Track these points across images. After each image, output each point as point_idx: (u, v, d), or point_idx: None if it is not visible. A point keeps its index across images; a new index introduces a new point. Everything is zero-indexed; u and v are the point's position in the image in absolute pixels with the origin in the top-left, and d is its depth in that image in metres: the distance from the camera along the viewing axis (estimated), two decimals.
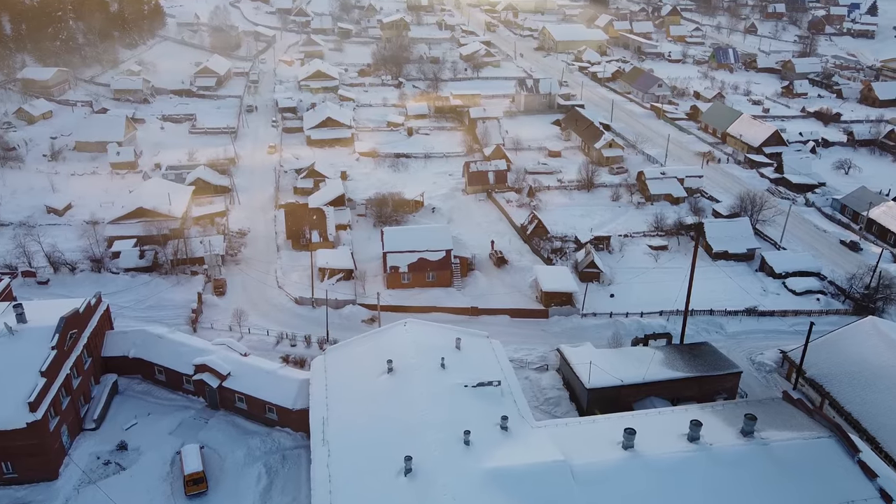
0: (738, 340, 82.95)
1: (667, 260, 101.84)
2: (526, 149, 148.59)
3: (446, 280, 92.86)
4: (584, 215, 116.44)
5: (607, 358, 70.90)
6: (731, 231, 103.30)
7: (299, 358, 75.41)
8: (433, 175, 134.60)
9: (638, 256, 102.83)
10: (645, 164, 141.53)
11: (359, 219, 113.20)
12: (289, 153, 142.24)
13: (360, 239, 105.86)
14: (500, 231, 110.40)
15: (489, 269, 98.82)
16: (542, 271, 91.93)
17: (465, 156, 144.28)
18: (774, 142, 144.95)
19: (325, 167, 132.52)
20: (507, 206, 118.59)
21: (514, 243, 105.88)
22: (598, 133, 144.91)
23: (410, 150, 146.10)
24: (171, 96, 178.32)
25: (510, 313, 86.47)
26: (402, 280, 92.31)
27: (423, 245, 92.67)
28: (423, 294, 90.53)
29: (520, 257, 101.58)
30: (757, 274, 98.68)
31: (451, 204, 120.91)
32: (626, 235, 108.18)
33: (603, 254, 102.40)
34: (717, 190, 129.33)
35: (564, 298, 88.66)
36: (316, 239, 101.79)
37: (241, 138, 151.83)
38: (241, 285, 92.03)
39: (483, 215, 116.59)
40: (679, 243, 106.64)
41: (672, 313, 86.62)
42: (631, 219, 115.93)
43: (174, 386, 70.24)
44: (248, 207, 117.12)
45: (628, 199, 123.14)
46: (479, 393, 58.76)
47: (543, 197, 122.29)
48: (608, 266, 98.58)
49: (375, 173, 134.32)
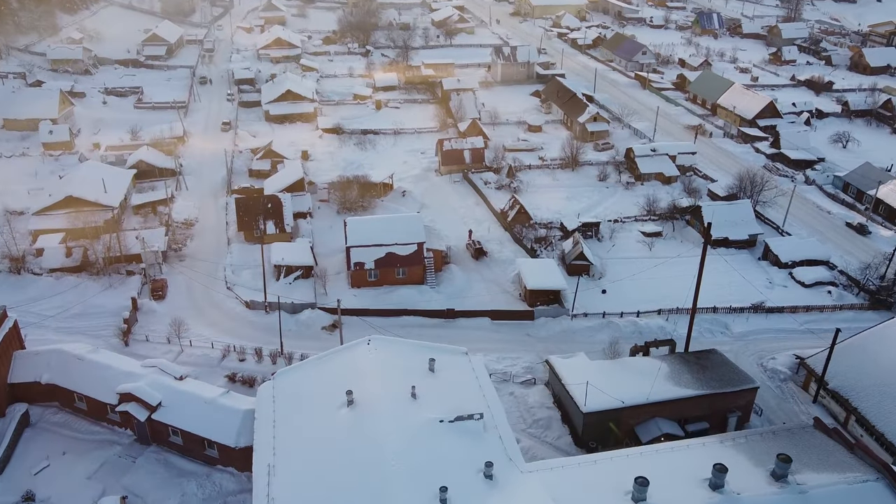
0: (746, 342, 74.14)
1: (662, 248, 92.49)
2: (504, 123, 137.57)
3: (418, 276, 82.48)
4: (570, 198, 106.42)
5: (604, 372, 61.51)
6: (731, 215, 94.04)
7: (248, 376, 64.84)
8: (404, 153, 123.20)
9: (630, 245, 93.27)
10: (632, 139, 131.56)
11: (321, 205, 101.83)
12: (245, 130, 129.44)
13: (321, 229, 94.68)
14: (477, 217, 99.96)
15: (467, 261, 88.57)
16: (526, 265, 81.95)
17: (438, 132, 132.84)
18: (769, 114, 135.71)
19: (285, 146, 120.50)
20: (485, 188, 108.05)
21: (494, 231, 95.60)
22: (582, 105, 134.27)
23: (379, 125, 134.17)
24: (116, 67, 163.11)
25: (491, 315, 76.55)
26: (368, 278, 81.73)
27: (392, 238, 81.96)
28: (392, 293, 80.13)
29: (500, 248, 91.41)
30: (760, 263, 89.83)
31: (424, 186, 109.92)
32: (617, 221, 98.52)
33: (592, 242, 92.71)
34: (711, 167, 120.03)
35: (552, 296, 78.96)
36: (271, 230, 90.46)
37: (193, 114, 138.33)
38: (185, 287, 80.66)
39: (459, 199, 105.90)
40: (674, 228, 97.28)
41: (672, 312, 77.49)
42: (620, 201, 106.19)
43: (97, 416, 59.44)
44: (197, 193, 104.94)
45: (616, 178, 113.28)
46: (459, 429, 48.86)
47: (524, 177, 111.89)
48: (598, 257, 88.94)
49: (340, 152, 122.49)
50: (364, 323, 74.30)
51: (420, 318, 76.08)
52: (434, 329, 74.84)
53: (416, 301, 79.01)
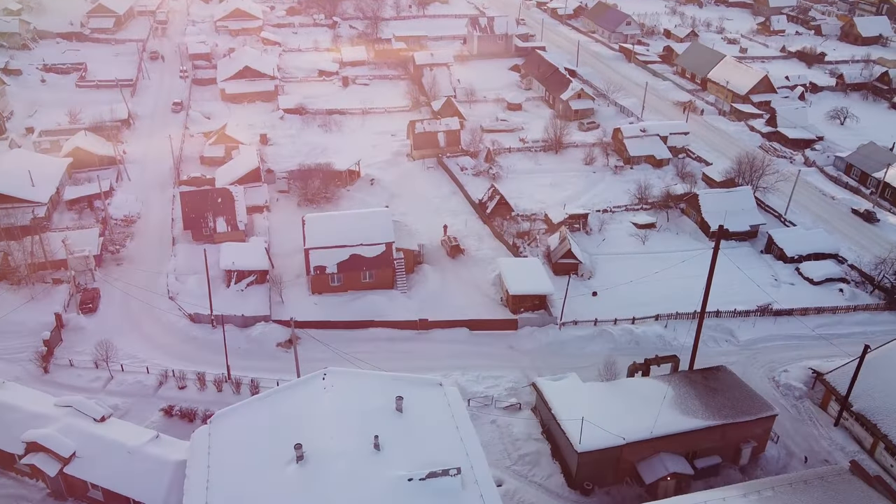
0: (754, 351, 66.48)
1: (656, 241, 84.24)
2: (481, 100, 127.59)
3: (387, 280, 73.37)
4: (554, 185, 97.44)
5: (599, 398, 53.45)
6: (731, 203, 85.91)
7: (188, 409, 55.60)
8: (373, 136, 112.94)
9: (621, 238, 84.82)
10: (619, 117, 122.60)
11: (280, 197, 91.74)
12: (198, 111, 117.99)
13: (280, 225, 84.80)
14: (453, 208, 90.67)
15: (442, 260, 79.54)
16: (508, 266, 73.16)
17: (409, 111, 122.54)
18: (763, 89, 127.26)
19: (242, 129, 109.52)
20: (461, 175, 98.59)
21: (472, 225, 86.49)
22: (565, 81, 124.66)
23: (346, 104, 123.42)
24: (57, 41, 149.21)
25: (469, 325, 67.86)
26: (330, 283, 72.42)
27: (357, 237, 72.57)
28: (358, 300, 71.01)
29: (479, 244, 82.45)
30: (764, 257, 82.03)
31: (394, 173, 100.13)
32: (606, 211, 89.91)
33: (579, 236, 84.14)
34: (704, 148, 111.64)
35: (537, 302, 70.48)
36: (222, 228, 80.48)
37: (141, 93, 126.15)
38: (121, 297, 70.64)
39: (433, 188, 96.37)
40: (668, 218, 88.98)
41: (670, 317, 69.49)
42: (609, 187, 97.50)
43: (3, 466, 50.03)
44: (142, 184, 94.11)
45: (604, 161, 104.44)
46: (432, 488, 40.34)
47: (504, 162, 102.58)
48: (587, 253, 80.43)
49: (303, 135, 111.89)
50: (325, 338, 65.52)
51: (389, 331, 67.28)
52: (405, 343, 66.18)
53: (384, 309, 70.03)
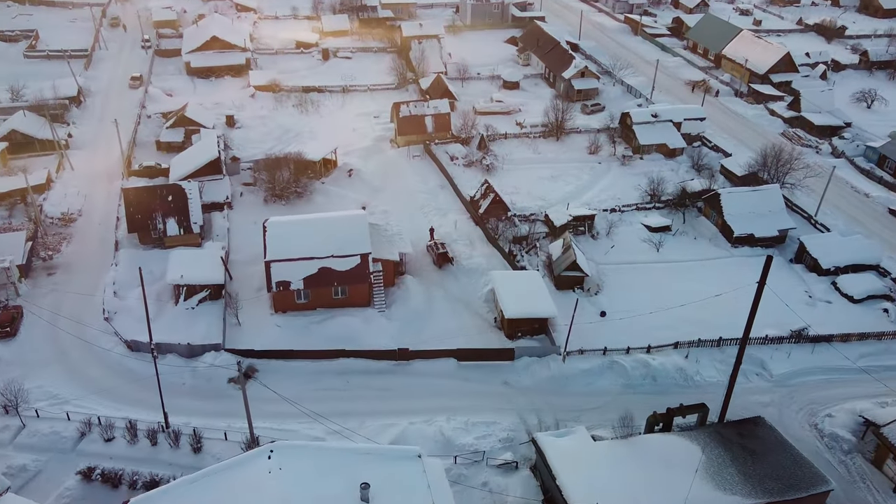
0: (791, 389, 56.83)
1: (671, 246, 74.04)
2: (475, 77, 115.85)
3: (363, 297, 63.03)
4: (555, 177, 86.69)
5: (614, 463, 43.86)
6: (757, 204, 75.65)
7: (112, 472, 45.59)
8: (354, 117, 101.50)
9: (632, 243, 74.51)
10: (625, 98, 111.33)
11: (245, 191, 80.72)
12: (158, 88, 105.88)
13: (242, 225, 73.90)
14: (441, 206, 79.98)
15: (427, 270, 69.19)
16: (503, 281, 62.90)
17: (395, 89, 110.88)
18: (784, 67, 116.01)
19: (207, 109, 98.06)
20: (451, 165, 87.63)
21: (462, 226, 75.95)
22: (567, 57, 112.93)
23: (325, 81, 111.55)
24: (8, 4, 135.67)
25: (458, 355, 57.83)
26: (296, 300, 62.05)
27: (327, 247, 61.96)
28: (328, 322, 60.72)
29: (470, 249, 72.01)
30: (794, 268, 72.02)
31: (376, 163, 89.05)
32: (614, 210, 79.45)
33: (585, 240, 73.86)
34: (720, 135, 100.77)
35: (537, 325, 60.50)
36: (173, 231, 69.65)
37: (97, 65, 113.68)
38: (50, 317, 59.98)
39: (419, 180, 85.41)
40: (684, 220, 78.65)
41: (691, 345, 59.70)
42: (616, 181, 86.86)
43: None
44: (86, 175, 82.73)
45: (610, 150, 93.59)
46: None
47: (499, 149, 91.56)
48: (593, 262, 70.22)
49: (276, 116, 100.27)
50: (288, 372, 55.55)
51: (364, 361, 57.20)
52: (382, 377, 56.17)
53: (359, 332, 59.83)
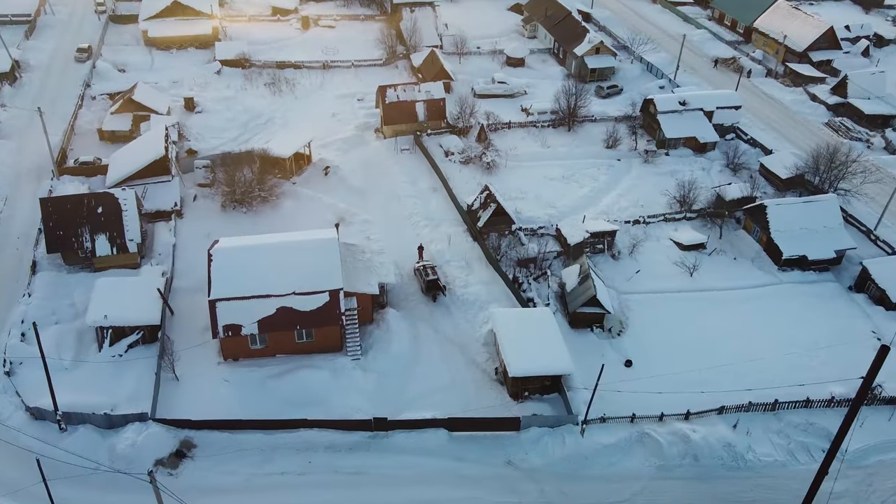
0: (868, 473, 45.44)
1: (707, 269, 61.71)
2: (474, 53, 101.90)
3: (333, 341, 51.00)
4: (568, 177, 73.93)
5: None
6: (810, 218, 63.27)
7: None
8: (334, 100, 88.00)
9: (661, 265, 62.18)
10: (645, 78, 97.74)
11: (199, 193, 67.88)
12: (109, 62, 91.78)
13: (192, 240, 61.20)
14: (433, 215, 67.28)
15: (414, 300, 57.00)
16: (507, 323, 50.83)
17: (383, 65, 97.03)
18: (825, 44, 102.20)
19: (162, 90, 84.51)
20: (445, 162, 74.67)
21: (458, 242, 63.44)
22: (579, 31, 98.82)
23: (303, 55, 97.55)
24: None
25: (449, 425, 46.04)
26: (249, 346, 49.97)
27: (288, 281, 49.64)
28: (288, 378, 48.72)
29: (467, 274, 59.62)
30: (854, 297, 59.84)
31: (358, 158, 75.99)
32: (638, 222, 66.95)
33: (603, 260, 61.62)
34: (755, 124, 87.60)
35: (549, 382, 48.72)
36: (104, 250, 57.09)
37: (41, 33, 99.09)
38: None
39: (408, 181, 72.40)
40: (721, 234, 66.24)
41: (740, 409, 48.00)
42: (639, 182, 74.12)
43: None
44: (12, 171, 69.48)
45: (630, 143, 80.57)
46: None
47: (501, 141, 78.56)
48: (614, 291, 58.08)
49: (244, 98, 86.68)
50: (233, 445, 43.96)
51: (331, 433, 45.40)
52: (353, 456, 44.54)
53: (326, 391, 47.99)
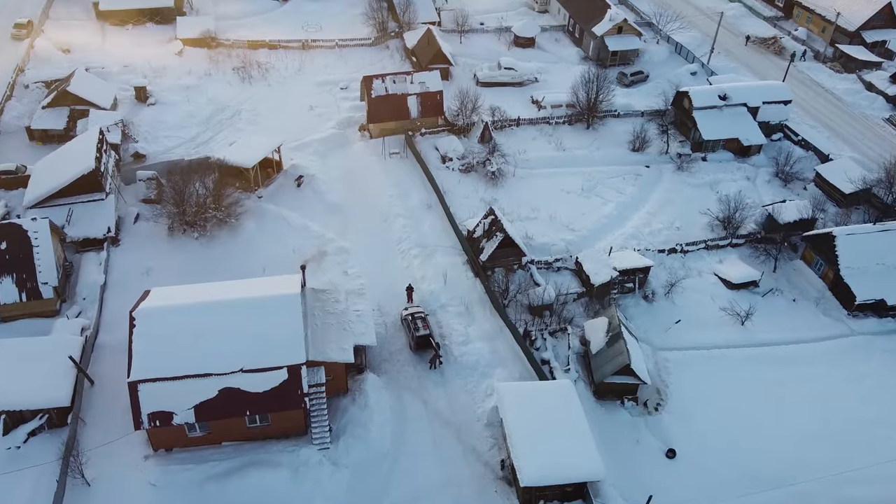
0: None
1: (763, 316, 50.13)
2: (477, 30, 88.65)
3: (294, 424, 39.81)
4: (587, 190, 61.94)
5: None
6: (888, 251, 51.72)
7: None
8: (313, 88, 75.38)
9: (705, 310, 50.65)
10: (673, 61, 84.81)
11: (143, 212, 55.79)
12: (50, 39, 78.73)
13: (127, 277, 49.55)
14: (426, 240, 55.34)
15: (401, 360, 45.65)
16: (516, 404, 39.52)
17: (372, 45, 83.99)
18: (881, 22, 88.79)
19: (107, 78, 71.94)
20: (442, 170, 62.46)
21: (457, 278, 51.61)
22: (599, 5, 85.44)
23: (280, 34, 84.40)
24: None
25: None
26: (187, 433, 38.77)
27: (234, 354, 38.17)
28: (233, 478, 37.64)
29: (466, 326, 47.96)
30: None
31: (338, 164, 63.76)
32: (675, 251, 55.20)
33: (634, 303, 50.16)
34: (804, 121, 75.06)
35: (570, 488, 37.70)
36: (10, 296, 45.53)
37: None
38: None
39: (397, 195, 60.14)
40: (775, 266, 54.60)
41: None
42: (673, 196, 62.07)
43: None
44: None
45: (660, 145, 68.27)
46: None
47: (508, 143, 66.30)
48: (649, 348, 46.76)
49: (207, 86, 74.05)
50: None
51: None
52: None
53: (283, 497, 37.00)
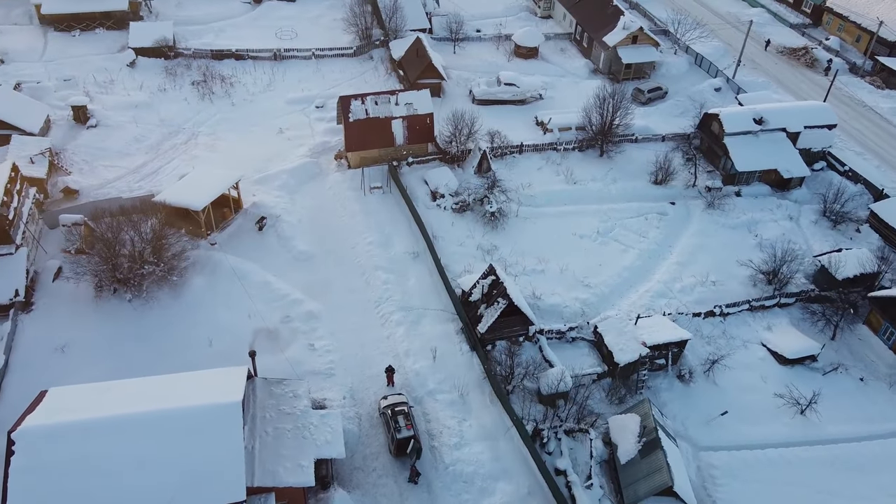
0: None
1: (826, 401, 40.62)
2: (473, 38, 78.94)
3: None
4: (604, 233, 52.26)
5: None
6: None
7: None
8: (284, 107, 65.42)
9: (753, 395, 41.08)
10: (694, 74, 75.34)
11: (66, 265, 45.60)
12: None
13: (36, 357, 39.56)
14: (412, 300, 45.31)
15: (378, 469, 35.87)
16: None
17: (354, 56, 74.10)
18: None
19: (44, 93, 61.98)
20: (432, 208, 52.63)
21: (449, 354, 41.73)
22: (611, 11, 75.81)
23: (249, 42, 74.45)
24: None
25: None
26: None
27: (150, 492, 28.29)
28: None
29: (459, 422, 38.07)
30: None
31: (309, 199, 53.76)
32: (713, 314, 45.59)
33: (667, 383, 40.56)
34: (847, 146, 65.72)
35: None
36: None
37: None
38: None
39: (377, 242, 50.13)
40: (836, 332, 45.08)
41: None
42: (706, 241, 52.41)
43: None
44: None
45: (686, 177, 58.63)
46: None
47: (510, 174, 56.52)
48: (689, 449, 37.12)
49: (160, 104, 64.02)
50: None
51: None
52: None
53: None
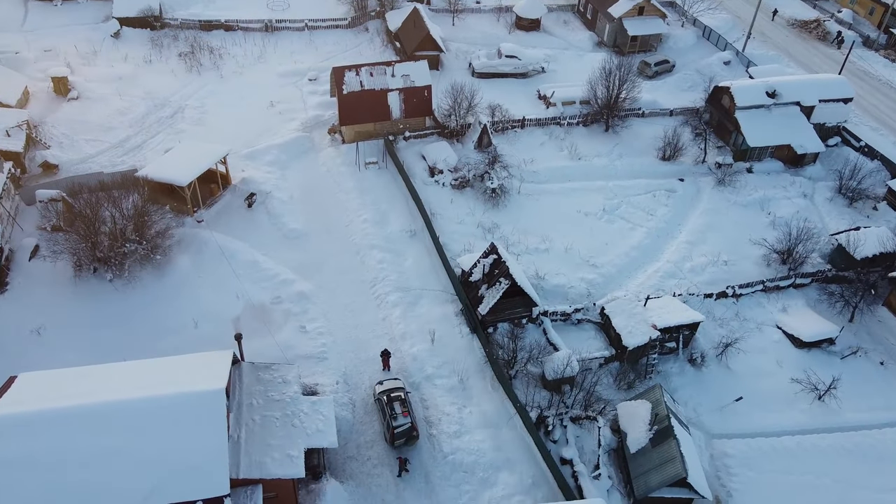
0: None
1: (845, 386, 38.56)
2: (473, 10, 76.00)
3: None
4: (610, 212, 49.96)
5: None
6: None
7: None
8: (276, 80, 62.61)
9: (768, 380, 39.10)
10: (702, 48, 72.72)
11: (44, 244, 43.18)
12: None
13: (10, 340, 37.30)
14: (409, 280, 43.05)
15: (372, 458, 33.86)
16: None
17: (349, 27, 71.18)
18: None
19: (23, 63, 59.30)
20: (429, 184, 50.24)
21: (447, 336, 39.55)
22: None
23: (239, 12, 71.34)
24: None
25: None
26: None
27: (127, 486, 26.18)
28: None
29: (459, 409, 36.02)
30: None
31: (301, 174, 51.33)
32: (725, 294, 43.39)
33: (677, 368, 38.50)
34: (861, 121, 63.20)
35: None
36: None
37: None
38: None
39: (373, 219, 47.70)
40: (853, 316, 42.93)
41: None
42: (716, 220, 50.12)
43: None
44: None
45: (696, 153, 56.22)
46: None
47: (512, 149, 54.05)
48: (702, 437, 35.13)
49: (145, 76, 61.23)
50: None
51: None
52: None
53: None
